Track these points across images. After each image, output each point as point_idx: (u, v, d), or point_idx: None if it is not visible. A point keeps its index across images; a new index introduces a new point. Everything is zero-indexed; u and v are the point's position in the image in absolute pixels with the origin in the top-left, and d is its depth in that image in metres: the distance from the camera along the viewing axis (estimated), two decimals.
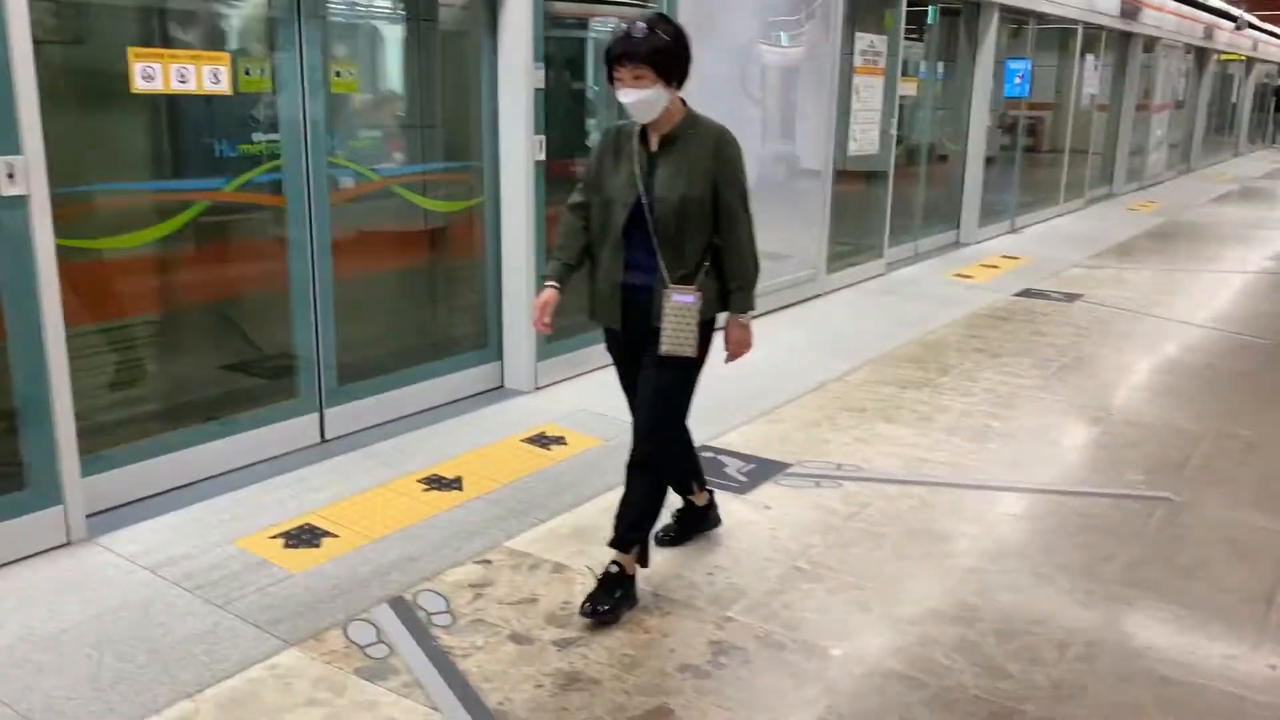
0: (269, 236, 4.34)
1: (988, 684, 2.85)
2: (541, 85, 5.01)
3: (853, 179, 8.67)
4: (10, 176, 3.14)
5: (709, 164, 3.02)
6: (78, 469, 3.46)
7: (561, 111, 5.64)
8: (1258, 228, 12.85)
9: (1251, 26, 22.19)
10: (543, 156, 5.09)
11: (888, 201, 8.67)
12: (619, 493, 3.99)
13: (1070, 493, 4.25)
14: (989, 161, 10.93)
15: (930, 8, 9.80)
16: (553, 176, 5.15)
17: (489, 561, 3.50)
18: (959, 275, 8.92)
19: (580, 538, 3.69)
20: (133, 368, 4.13)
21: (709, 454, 4.54)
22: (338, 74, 4.38)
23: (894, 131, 8.47)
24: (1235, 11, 18.90)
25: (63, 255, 3.34)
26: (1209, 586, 3.45)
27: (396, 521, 3.76)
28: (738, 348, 3.26)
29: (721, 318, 3.23)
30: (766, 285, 7.07)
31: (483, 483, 4.12)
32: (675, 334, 3.05)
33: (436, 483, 4.11)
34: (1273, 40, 26.41)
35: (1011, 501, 4.16)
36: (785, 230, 7.40)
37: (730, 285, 3.13)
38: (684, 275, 3.05)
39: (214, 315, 4.41)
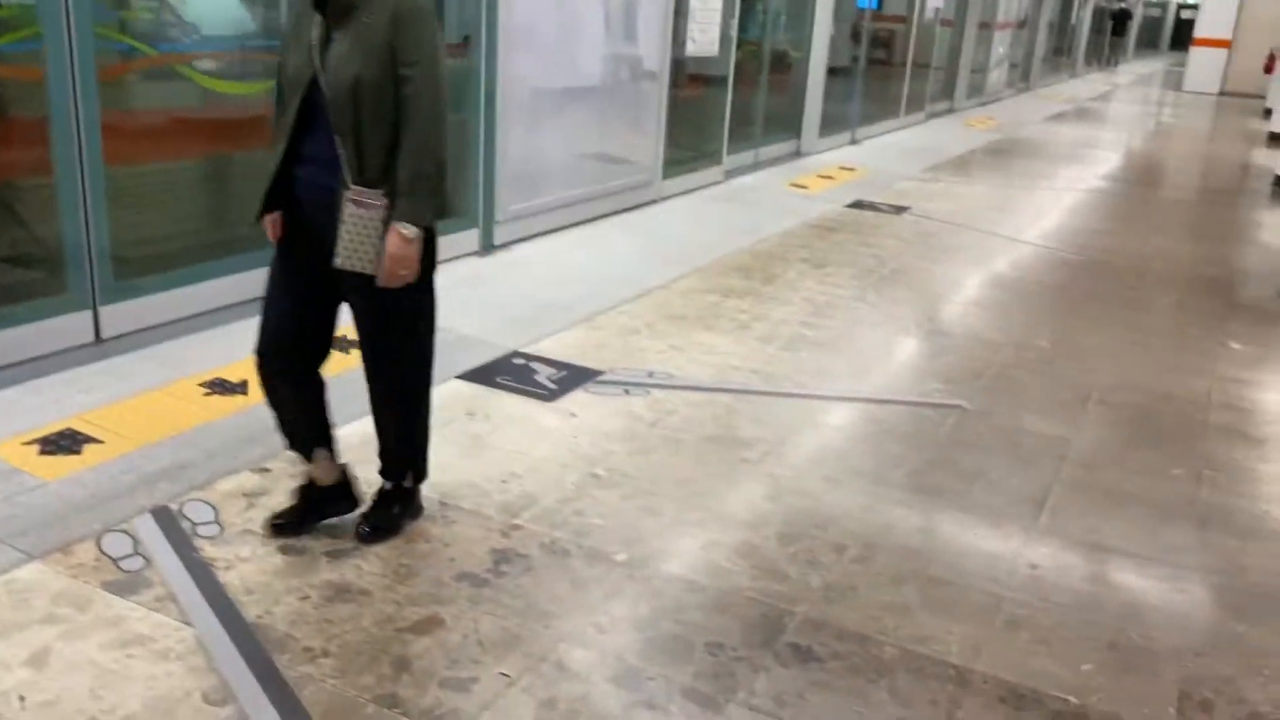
0: (24, 113, 3.91)
1: (764, 586, 2.88)
2: None
3: (693, 84, 8.53)
4: None
5: (386, 35, 2.50)
6: None
7: None
8: (1088, 146, 13.37)
9: None
10: None
11: (726, 107, 8.58)
12: None
13: (870, 400, 4.33)
14: (835, 72, 10.95)
15: None
16: None
17: (267, 470, 3.31)
18: (795, 185, 8.96)
19: (370, 446, 3.53)
20: None
21: (520, 360, 4.43)
22: None
23: (733, 33, 8.33)
24: None
25: None
26: (988, 491, 3.57)
27: (171, 427, 3.52)
28: (394, 265, 2.62)
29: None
30: (600, 189, 7.02)
31: None
32: (352, 245, 2.59)
33: (220, 386, 3.86)
34: None
35: (813, 409, 4.21)
36: (620, 134, 7.25)
37: (399, 185, 2.58)
38: (370, 176, 2.58)
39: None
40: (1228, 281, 6.83)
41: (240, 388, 3.86)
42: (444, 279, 5.36)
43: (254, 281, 4.75)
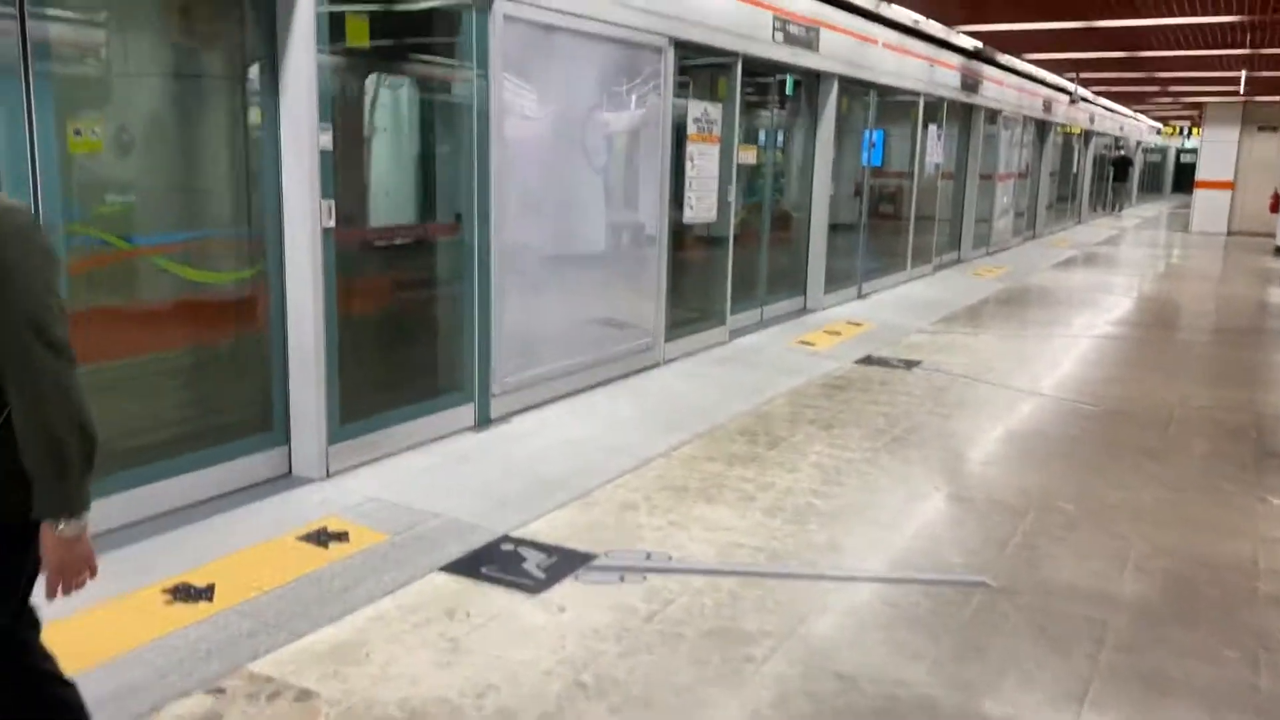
0: None
1: None
2: (329, 147, 4.63)
3: (695, 246, 8.53)
4: None
5: None
6: None
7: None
8: (1100, 291, 13.28)
9: (1086, 100, 23.40)
10: (332, 223, 4.69)
11: (728, 268, 8.53)
12: (394, 599, 3.61)
13: (886, 580, 4.02)
14: (839, 228, 11.00)
15: (788, 77, 9.86)
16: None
17: (222, 690, 3.02)
18: (802, 342, 8.82)
19: (337, 656, 3.25)
20: None
21: (509, 546, 4.17)
22: (77, 132, 3.92)
23: (732, 199, 8.36)
24: (1071, 86, 19.86)
25: None
26: (1022, 684, 3.22)
27: (124, 642, 3.25)
28: (57, 575, 2.00)
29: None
30: (600, 355, 6.90)
31: (238, 591, 3.64)
32: None
33: (184, 593, 3.61)
34: (1108, 114, 27.94)
35: (824, 592, 3.90)
36: (620, 298, 7.17)
37: (30, 471, 1.92)
38: None
39: None
40: (1256, 428, 6.54)
41: (206, 593, 3.61)
42: (438, 458, 5.23)
43: (233, 472, 4.61)
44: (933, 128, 13.49)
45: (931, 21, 12.38)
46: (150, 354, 4.62)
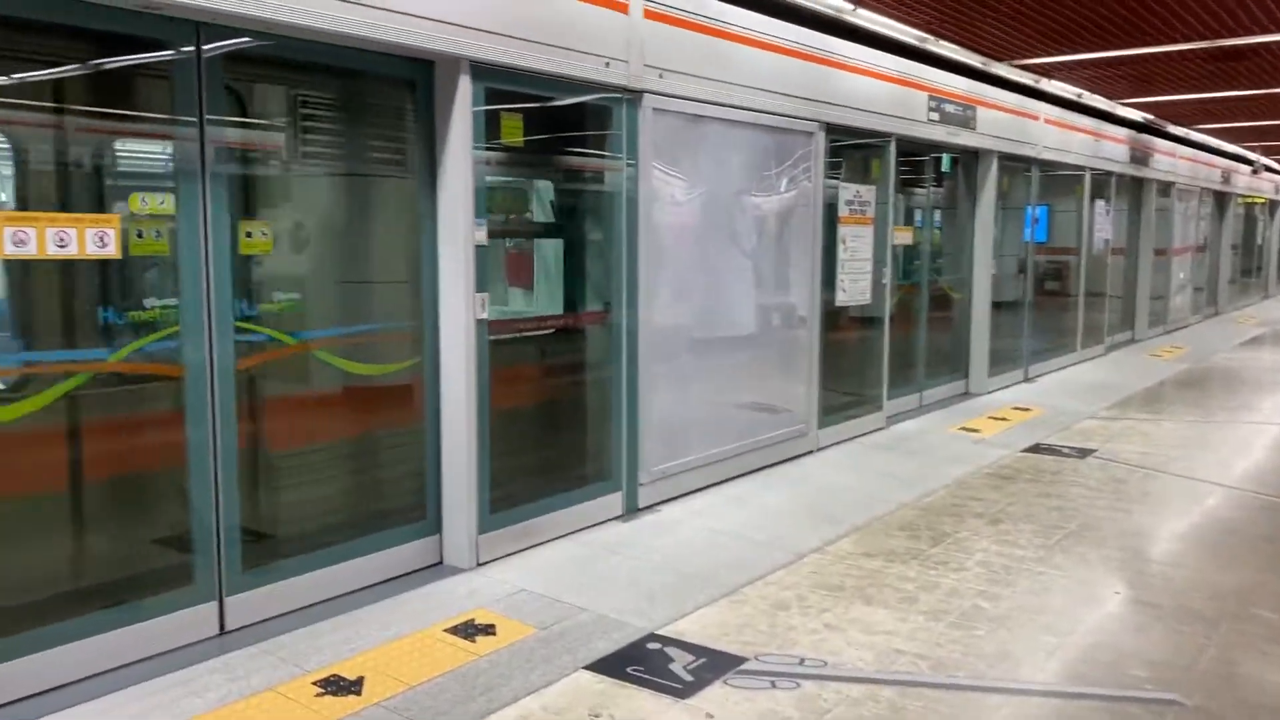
0: (163, 408, 3.99)
1: None
2: (484, 242, 4.74)
3: (849, 327, 8.33)
4: None
5: None
6: None
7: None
8: None
9: (1270, 170, 22.06)
10: (485, 315, 4.78)
11: (884, 351, 8.29)
12: (539, 699, 3.54)
13: (1063, 694, 3.68)
14: (1003, 307, 10.59)
15: (944, 156, 9.67)
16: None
17: None
18: (965, 429, 8.44)
19: None
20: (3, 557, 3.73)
21: (655, 644, 4.04)
22: (249, 234, 4.13)
23: (886, 281, 8.16)
24: (1252, 156, 18.77)
25: None
26: None
27: None
28: None
29: None
30: (751, 442, 6.75)
31: (386, 685, 3.63)
32: None
33: (334, 685, 3.62)
34: None
35: (993, 708, 3.60)
36: (771, 383, 7.03)
37: None
38: None
39: (102, 495, 4.04)
40: None
41: (355, 686, 3.61)
42: (585, 549, 5.17)
43: (387, 560, 4.67)
44: (1100, 202, 12.93)
45: (1096, 96, 11.95)
46: (309, 444, 4.77)
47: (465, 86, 4.61)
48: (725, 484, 6.43)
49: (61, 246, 3.45)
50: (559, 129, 5.65)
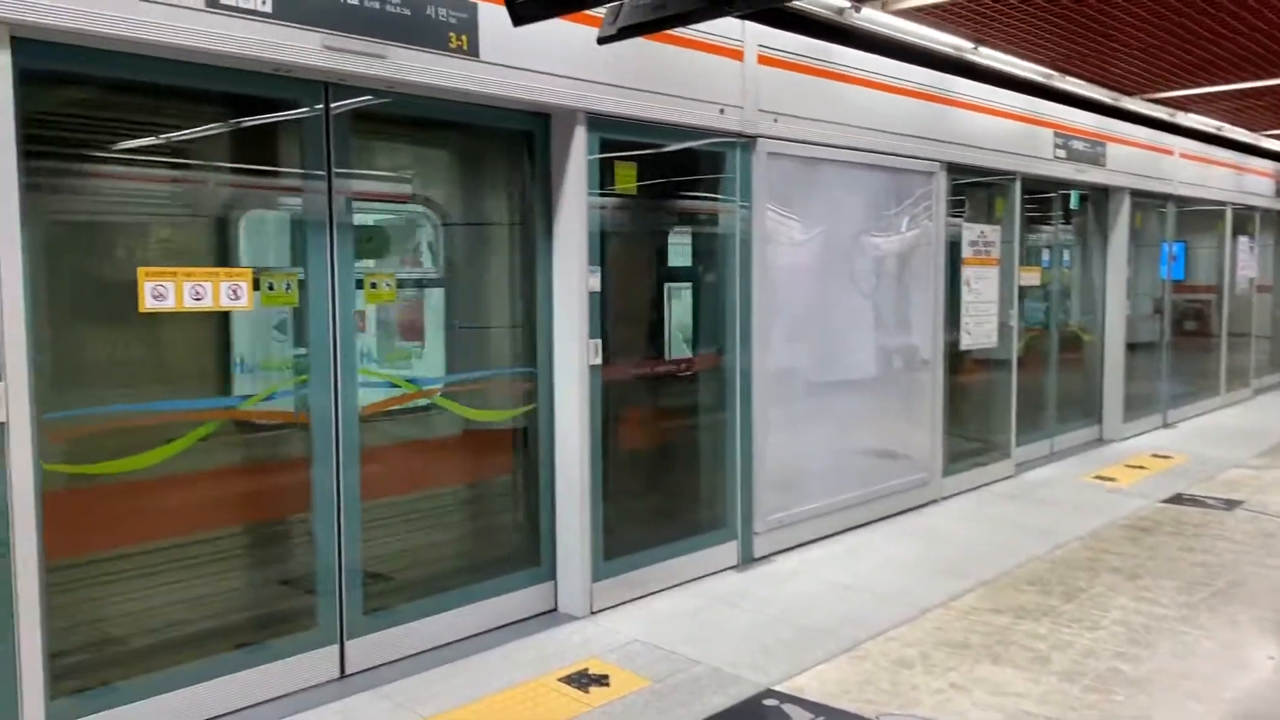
0: (289, 455, 4.12)
1: None
2: (598, 289, 4.77)
3: (974, 371, 8.08)
4: None
5: None
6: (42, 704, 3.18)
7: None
8: None
9: None
10: (598, 361, 4.80)
11: (1012, 396, 8.00)
12: None
13: None
14: (1138, 348, 10.13)
15: (1073, 193, 9.37)
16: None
17: None
18: (1099, 477, 8.05)
19: None
20: (131, 598, 3.88)
21: (772, 702, 3.93)
22: (373, 285, 4.24)
23: (1013, 323, 7.89)
24: None
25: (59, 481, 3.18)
26: None
27: None
28: None
29: None
30: (871, 491, 6.58)
31: None
32: None
33: None
34: None
35: None
36: (892, 428, 6.85)
37: None
38: None
39: (228, 539, 4.17)
40: None
41: None
42: (699, 599, 5.10)
43: (502, 606, 4.70)
44: (1244, 239, 12.29)
45: (1237, 128, 11.41)
46: (427, 489, 4.85)
47: (580, 137, 4.68)
48: (844, 534, 6.27)
49: (197, 300, 3.60)
50: (671, 174, 5.67)
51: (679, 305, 6.08)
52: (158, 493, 3.80)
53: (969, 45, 7.58)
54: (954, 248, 7.35)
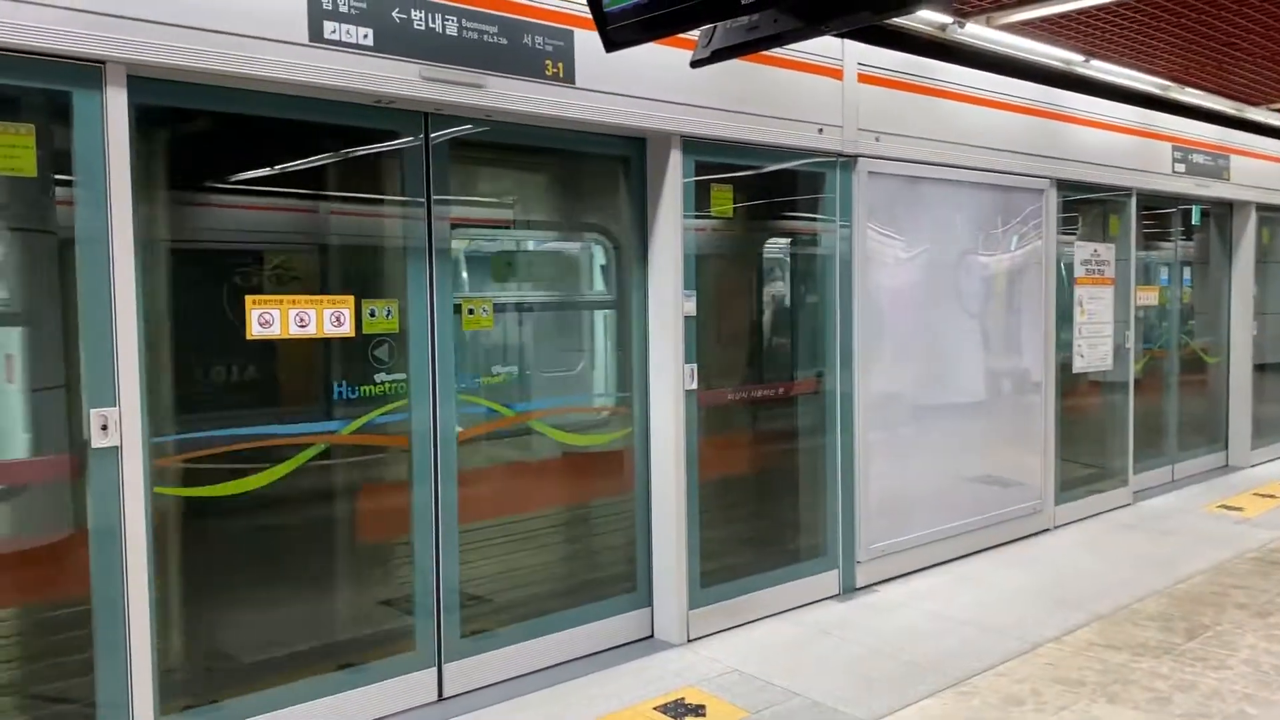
0: (389, 479, 4.18)
1: None
2: (693, 313, 4.74)
3: (1089, 395, 7.77)
4: (104, 429, 3.14)
5: None
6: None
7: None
8: None
9: None
10: (694, 386, 4.75)
11: (1129, 420, 7.67)
12: None
13: None
14: (1266, 370, 9.61)
15: (1194, 209, 8.98)
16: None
17: None
18: (1224, 507, 7.64)
19: None
20: (237, 617, 3.98)
21: None
22: (470, 311, 4.29)
23: (1129, 345, 7.57)
24: None
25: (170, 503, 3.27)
26: None
27: None
28: None
29: None
30: (979, 519, 6.36)
31: None
32: None
33: None
34: None
35: None
36: (1001, 454, 6.62)
37: None
38: None
39: (329, 562, 4.25)
40: None
41: None
42: (799, 629, 4.99)
43: (598, 632, 4.68)
44: None
45: None
46: (523, 513, 4.87)
47: (676, 160, 4.66)
48: (950, 563, 6.07)
49: (302, 326, 3.69)
50: (768, 195, 5.62)
51: (776, 328, 6.00)
52: (264, 515, 3.90)
53: (1079, 58, 7.34)
54: (1066, 268, 7.10)
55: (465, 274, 4.54)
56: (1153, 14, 6.33)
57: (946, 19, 6.12)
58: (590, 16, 3.46)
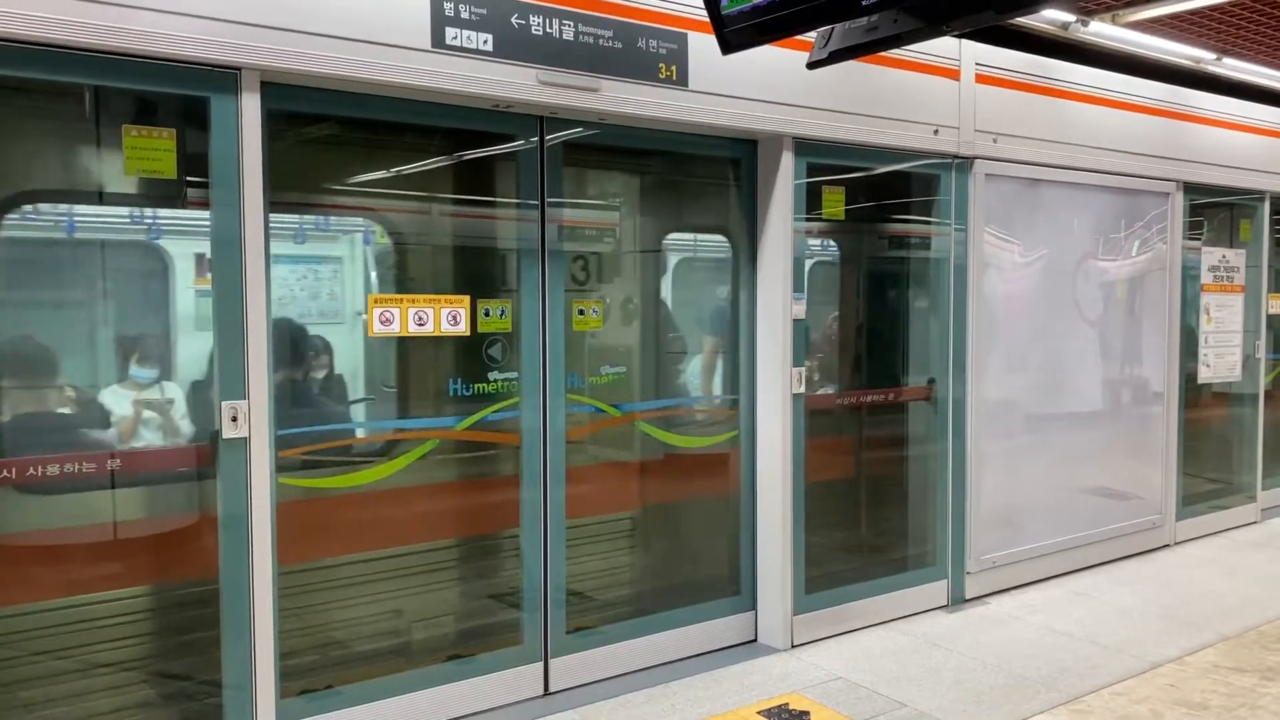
0: (500, 474, 4.26)
1: None
2: (802, 316, 4.70)
3: (1214, 406, 7.46)
4: (234, 420, 3.28)
5: None
6: (273, 703, 3.40)
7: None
8: None
9: None
10: (802, 389, 4.72)
11: (1258, 434, 7.32)
12: None
13: None
14: None
15: None
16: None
17: None
18: None
19: None
20: (353, 607, 4.11)
21: None
22: (580, 312, 4.34)
23: (1260, 355, 7.23)
24: None
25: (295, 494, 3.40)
26: None
27: None
28: None
29: None
30: (1095, 533, 6.15)
31: None
32: None
33: None
34: None
35: None
36: (1120, 466, 6.40)
37: None
38: None
39: (437, 554, 4.35)
40: None
41: None
42: (905, 639, 4.90)
43: (702, 634, 4.68)
44: None
45: None
46: (628, 512, 4.90)
47: (788, 162, 4.64)
48: (1064, 577, 5.90)
49: (420, 325, 3.79)
50: (880, 197, 5.54)
51: (887, 333, 5.91)
52: (379, 506, 4.02)
53: (1210, 56, 7.03)
54: (1192, 274, 6.82)
55: (580, 274, 4.60)
56: None
57: (1070, 17, 5.93)
58: (706, 19, 3.47)
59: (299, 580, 3.84)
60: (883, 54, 4.80)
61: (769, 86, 4.47)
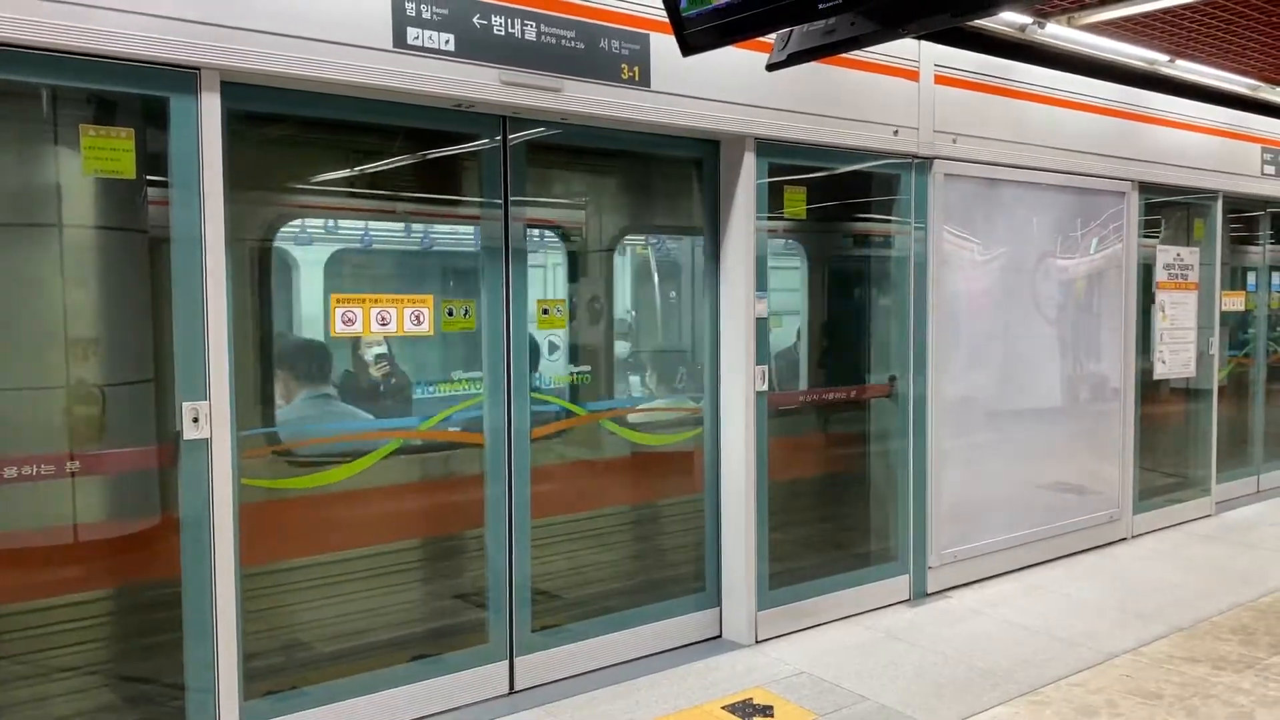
0: (463, 474, 4.27)
1: None
2: (765, 315, 4.75)
3: (1169, 402, 7.59)
4: (195, 421, 3.27)
5: None
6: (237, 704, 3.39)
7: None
8: None
9: None
10: (765, 387, 4.76)
11: (1212, 429, 7.47)
12: None
13: None
14: None
15: None
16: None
17: None
18: None
19: None
20: (317, 607, 4.10)
21: None
22: (545, 311, 4.36)
23: (1214, 351, 7.37)
24: None
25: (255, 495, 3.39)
26: None
27: None
28: None
29: None
30: (1054, 527, 6.25)
31: None
32: None
33: None
34: None
35: None
36: (1077, 461, 6.51)
37: None
38: None
39: (403, 554, 4.35)
40: None
41: None
42: (868, 633, 4.96)
43: (667, 630, 4.70)
44: None
45: None
46: (593, 511, 4.92)
47: (750, 162, 4.68)
48: (1023, 571, 5.99)
49: (383, 325, 3.79)
50: (841, 197, 5.59)
51: (849, 331, 5.97)
52: (343, 507, 4.01)
53: (1164, 58, 7.16)
54: (1148, 272, 6.95)
55: (542, 274, 4.61)
56: (1241, 12, 6.15)
57: (1027, 20, 6.03)
58: (667, 20, 3.50)
59: (261, 581, 3.83)
60: (843, 55, 4.85)
61: (731, 87, 4.51)
